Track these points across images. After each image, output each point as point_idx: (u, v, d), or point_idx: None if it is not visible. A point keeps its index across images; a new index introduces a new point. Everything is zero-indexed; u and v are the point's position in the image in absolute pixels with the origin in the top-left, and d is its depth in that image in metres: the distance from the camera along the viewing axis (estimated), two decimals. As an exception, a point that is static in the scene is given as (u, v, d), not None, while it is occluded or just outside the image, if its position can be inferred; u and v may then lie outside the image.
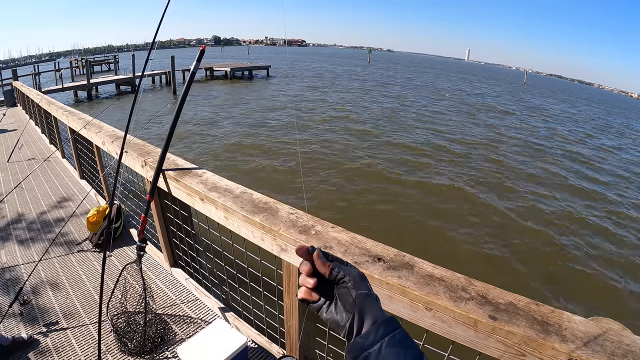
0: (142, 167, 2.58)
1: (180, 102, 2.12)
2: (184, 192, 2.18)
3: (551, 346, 1.01)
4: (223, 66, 34.74)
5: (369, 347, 0.58)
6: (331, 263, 0.67)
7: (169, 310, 2.65)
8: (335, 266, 0.66)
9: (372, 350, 0.58)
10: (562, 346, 1.01)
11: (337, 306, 0.66)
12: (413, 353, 0.58)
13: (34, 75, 20.23)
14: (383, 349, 0.57)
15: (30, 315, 2.59)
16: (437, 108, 22.40)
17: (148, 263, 3.18)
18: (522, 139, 16.45)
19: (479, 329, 1.13)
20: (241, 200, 1.84)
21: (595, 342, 1.02)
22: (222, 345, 1.96)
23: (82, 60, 35.20)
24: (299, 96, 23.47)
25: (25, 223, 4.05)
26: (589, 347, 1.00)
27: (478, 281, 1.27)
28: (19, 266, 3.20)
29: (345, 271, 0.66)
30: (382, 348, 0.58)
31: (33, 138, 8.24)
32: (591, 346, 1.00)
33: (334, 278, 0.66)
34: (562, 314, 1.13)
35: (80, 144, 4.85)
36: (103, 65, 41.57)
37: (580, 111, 34.36)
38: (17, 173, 5.91)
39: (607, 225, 8.37)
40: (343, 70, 50.49)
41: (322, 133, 14.05)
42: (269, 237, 1.62)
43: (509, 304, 1.16)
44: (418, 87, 34.61)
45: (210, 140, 12.89)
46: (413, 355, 0.58)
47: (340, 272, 0.66)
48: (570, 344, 1.01)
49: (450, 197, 8.84)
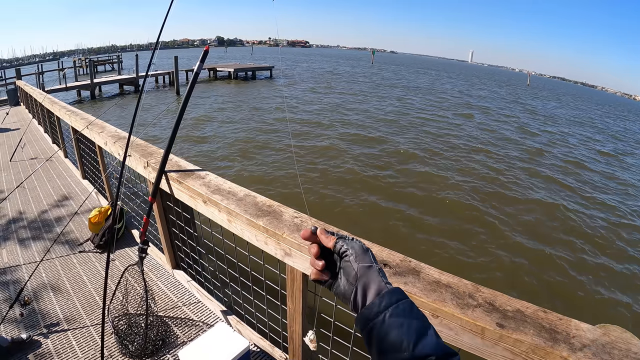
0: (145, 168, 2.56)
1: (184, 103, 2.11)
2: (186, 194, 2.16)
3: (559, 355, 1.00)
4: (226, 67, 34.81)
5: (374, 317, 0.59)
6: (335, 237, 0.69)
7: (171, 313, 2.63)
8: (339, 239, 0.69)
9: (376, 320, 0.58)
10: (570, 355, 0.99)
11: (343, 280, 0.67)
12: (418, 324, 0.57)
13: (38, 75, 20.31)
14: (387, 319, 0.57)
15: (30, 316, 2.57)
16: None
17: (150, 264, 3.16)
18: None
19: (486, 337, 1.11)
20: (245, 203, 1.82)
21: (603, 350, 1.00)
22: (225, 349, 1.95)
23: (85, 60, 35.29)
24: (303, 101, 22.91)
25: (26, 222, 4.05)
26: (598, 356, 0.98)
27: (485, 288, 1.25)
28: (20, 266, 3.18)
29: (349, 245, 0.68)
30: (386, 318, 0.57)
31: (36, 137, 8.25)
32: (599, 355, 0.99)
33: (337, 251, 0.68)
34: (570, 321, 1.11)
35: (83, 144, 4.85)
36: (107, 65, 41.78)
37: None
38: (20, 172, 5.91)
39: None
40: (347, 71, 50.07)
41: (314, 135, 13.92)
42: (273, 241, 1.60)
43: (517, 311, 1.15)
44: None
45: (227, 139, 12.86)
46: (418, 326, 0.57)
47: (343, 245, 0.68)
48: (579, 353, 0.99)
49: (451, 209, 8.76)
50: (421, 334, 0.55)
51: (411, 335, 0.55)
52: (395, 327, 0.56)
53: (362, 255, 0.67)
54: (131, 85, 25.04)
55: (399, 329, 0.55)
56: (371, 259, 0.67)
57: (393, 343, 0.55)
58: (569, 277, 6.24)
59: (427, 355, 0.52)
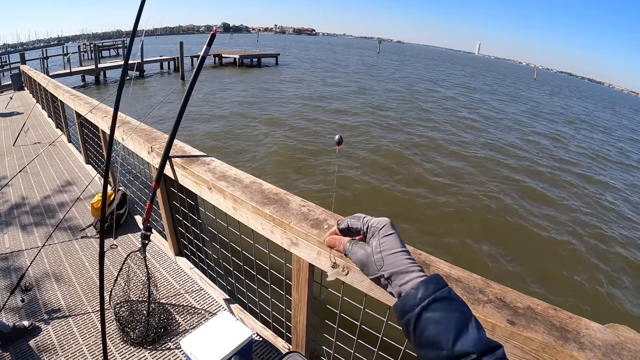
0: (149, 153, 2.53)
1: (189, 88, 2.07)
2: (191, 180, 2.13)
3: (569, 354, 0.97)
4: (232, 53, 34.61)
5: (409, 311, 0.55)
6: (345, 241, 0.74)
7: (173, 300, 2.62)
8: (347, 243, 0.73)
9: (411, 315, 0.55)
10: (580, 354, 0.96)
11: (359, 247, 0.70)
12: (457, 317, 0.53)
13: (42, 60, 20.25)
14: (423, 314, 0.54)
15: (32, 303, 2.57)
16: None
17: (152, 251, 3.15)
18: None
19: (496, 333, 1.08)
20: (250, 190, 1.79)
21: (613, 350, 0.98)
22: (227, 338, 1.93)
23: (90, 45, 35.15)
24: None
25: (29, 207, 4.04)
26: (607, 357, 0.96)
27: (495, 283, 1.23)
28: (22, 252, 3.18)
29: (352, 257, 0.70)
30: (423, 313, 0.54)
31: (39, 122, 8.24)
32: (609, 355, 0.96)
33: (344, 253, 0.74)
34: (580, 320, 1.09)
35: (86, 129, 4.83)
36: (111, 50, 41.61)
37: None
38: (23, 157, 5.90)
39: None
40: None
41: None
42: (279, 230, 1.57)
43: (527, 308, 1.12)
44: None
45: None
46: (457, 320, 0.52)
47: (347, 253, 0.72)
48: (589, 352, 0.97)
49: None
50: (461, 330, 0.51)
51: (450, 332, 0.51)
52: (433, 322, 0.52)
53: (364, 267, 0.67)
54: (136, 71, 24.95)
55: (436, 325, 0.52)
56: (375, 266, 0.64)
57: (431, 340, 0.52)
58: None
59: (468, 353, 0.49)
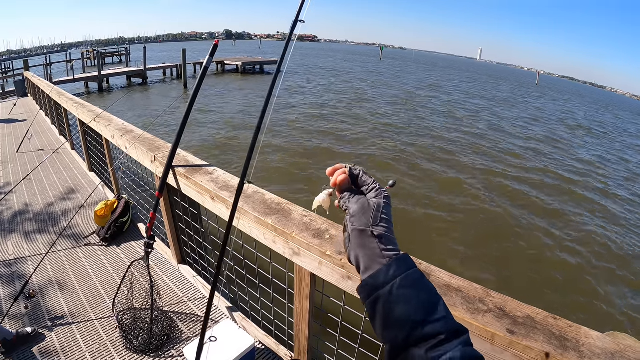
0: (152, 162, 2.56)
1: (192, 97, 2.10)
2: (194, 189, 2.15)
3: (568, 363, 0.99)
4: (234, 60, 34.70)
5: (380, 287, 0.54)
6: (343, 195, 0.66)
7: (176, 308, 2.63)
8: (345, 193, 0.66)
9: (382, 292, 0.54)
10: (579, 363, 0.98)
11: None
12: (427, 297, 0.53)
13: (46, 66, 20.40)
14: (394, 291, 0.53)
15: (35, 310, 2.58)
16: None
17: (155, 259, 3.16)
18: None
19: (495, 343, 1.10)
20: (253, 200, 1.81)
21: (612, 358, 1.00)
22: (230, 346, 1.95)
23: (93, 52, 35.34)
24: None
25: (32, 215, 4.06)
26: (607, 365, 0.97)
27: (495, 292, 1.24)
28: (26, 259, 3.20)
29: (348, 201, 0.64)
30: (394, 290, 0.53)
31: (43, 129, 8.28)
32: (608, 364, 0.98)
33: (341, 207, 0.67)
34: (579, 328, 1.10)
35: (90, 136, 4.86)
36: (114, 57, 41.79)
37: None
38: (26, 164, 5.94)
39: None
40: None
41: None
42: (281, 240, 1.59)
43: (527, 317, 1.14)
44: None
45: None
46: (427, 300, 0.53)
47: (345, 204, 0.65)
48: (588, 361, 0.98)
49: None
50: (431, 310, 0.51)
51: (419, 311, 0.51)
52: (403, 301, 0.52)
53: (360, 215, 0.61)
54: (139, 78, 25.08)
55: (406, 304, 0.51)
56: (368, 221, 0.60)
57: (400, 319, 0.51)
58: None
59: (437, 333, 0.48)
